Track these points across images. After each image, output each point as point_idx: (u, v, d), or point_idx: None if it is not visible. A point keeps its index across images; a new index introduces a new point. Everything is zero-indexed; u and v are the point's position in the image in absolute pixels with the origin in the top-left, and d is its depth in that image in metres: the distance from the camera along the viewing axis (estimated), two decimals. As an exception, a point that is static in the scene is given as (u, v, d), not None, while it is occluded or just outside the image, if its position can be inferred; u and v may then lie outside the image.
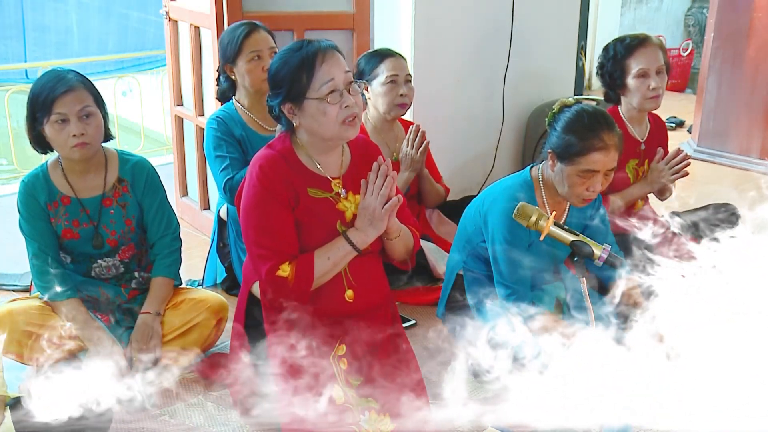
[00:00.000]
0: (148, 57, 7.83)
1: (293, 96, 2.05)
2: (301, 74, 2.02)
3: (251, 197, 2.11)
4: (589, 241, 2.12)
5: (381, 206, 2.10)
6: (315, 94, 2.02)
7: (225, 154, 2.83)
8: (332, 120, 2.04)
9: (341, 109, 2.04)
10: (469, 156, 4.11)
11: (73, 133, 2.30)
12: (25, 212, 2.41)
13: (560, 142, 2.36)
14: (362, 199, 2.13)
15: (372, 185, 2.11)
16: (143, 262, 2.58)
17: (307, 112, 2.05)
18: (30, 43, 7.72)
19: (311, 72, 2.02)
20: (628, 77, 2.93)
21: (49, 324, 2.35)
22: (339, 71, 2.04)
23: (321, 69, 2.02)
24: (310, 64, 2.02)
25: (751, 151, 5.01)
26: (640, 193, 3.04)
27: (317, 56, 2.03)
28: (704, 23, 7.51)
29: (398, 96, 3.06)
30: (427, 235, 3.25)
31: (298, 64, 2.03)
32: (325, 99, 2.02)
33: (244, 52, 2.81)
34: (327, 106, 2.02)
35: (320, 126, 2.06)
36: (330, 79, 2.02)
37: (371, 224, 2.12)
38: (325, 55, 2.04)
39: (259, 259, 2.10)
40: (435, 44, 3.80)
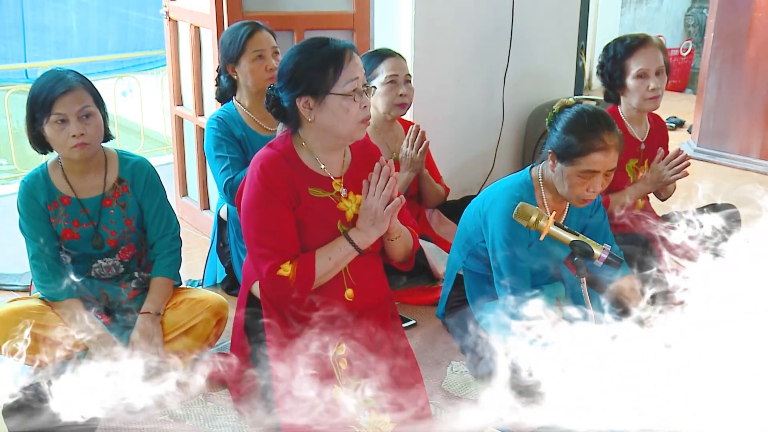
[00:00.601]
0: (148, 57, 7.83)
1: (314, 90, 2.06)
2: (328, 68, 2.04)
3: (252, 196, 2.11)
4: (589, 241, 2.12)
5: (383, 207, 2.11)
6: (340, 90, 2.05)
7: (225, 154, 2.83)
8: (353, 117, 2.07)
9: (361, 108, 2.07)
10: (469, 156, 4.11)
11: (73, 134, 2.30)
12: (25, 212, 2.41)
13: (560, 142, 2.36)
14: (364, 199, 2.14)
15: (374, 186, 2.12)
16: (143, 262, 2.58)
17: (328, 107, 2.07)
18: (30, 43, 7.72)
19: (339, 68, 2.05)
20: (627, 77, 2.93)
21: (49, 324, 2.35)
22: (361, 72, 2.09)
23: (348, 66, 2.05)
24: (339, 59, 2.05)
25: (751, 151, 5.01)
26: (639, 193, 3.04)
27: (345, 53, 2.06)
28: (704, 23, 7.51)
29: (398, 96, 3.05)
30: (427, 235, 3.25)
31: (326, 59, 2.05)
32: (351, 96, 2.05)
33: (247, 52, 2.81)
34: (351, 103, 2.05)
35: (339, 122, 2.08)
36: (355, 77, 2.06)
37: (373, 225, 2.13)
38: (352, 54, 2.08)
39: (260, 258, 2.10)
40: (435, 44, 3.79)
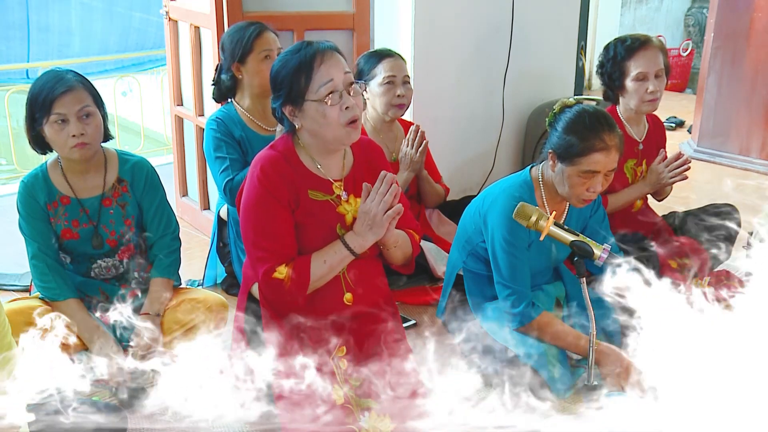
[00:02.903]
0: (148, 57, 7.82)
1: (293, 98, 2.04)
2: (299, 76, 2.01)
3: (251, 198, 2.10)
4: (589, 241, 2.12)
5: (383, 212, 2.06)
6: (314, 96, 2.01)
7: (225, 155, 2.83)
8: (333, 122, 2.02)
9: (342, 110, 2.02)
10: (469, 156, 4.11)
11: (73, 134, 2.30)
12: (24, 212, 2.41)
13: (561, 142, 2.36)
14: (363, 202, 2.10)
15: (375, 190, 2.07)
16: (143, 262, 2.58)
17: (308, 114, 2.04)
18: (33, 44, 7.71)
19: (309, 73, 2.00)
20: (626, 79, 2.92)
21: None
22: (338, 72, 2.02)
23: (319, 70, 2.00)
24: (308, 65, 2.01)
25: (751, 151, 5.01)
26: (638, 193, 3.04)
27: (315, 57, 2.01)
28: (704, 23, 7.51)
29: (395, 97, 3.05)
30: (427, 235, 3.24)
31: (296, 66, 2.02)
32: (324, 101, 2.00)
33: (255, 51, 2.81)
34: (326, 107, 2.00)
35: (321, 128, 2.04)
36: (329, 80, 2.00)
37: (370, 229, 2.09)
38: (324, 56, 2.02)
39: (257, 260, 2.09)
40: (435, 44, 3.79)
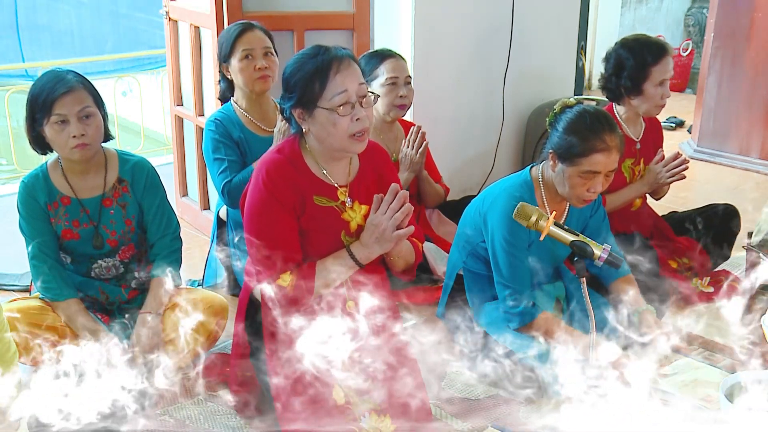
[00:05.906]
0: (148, 57, 7.83)
1: (304, 102, 2.02)
2: (314, 82, 1.99)
3: (256, 202, 2.09)
4: (589, 241, 2.12)
5: (392, 228, 2.04)
6: (327, 104, 1.99)
7: (223, 156, 2.83)
8: (342, 132, 2.01)
9: (352, 122, 2.01)
10: (469, 156, 4.11)
11: (73, 134, 2.30)
12: (25, 212, 2.41)
13: (562, 142, 2.36)
14: (373, 214, 2.07)
15: (386, 204, 2.05)
16: (143, 262, 2.57)
17: (317, 120, 2.03)
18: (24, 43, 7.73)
19: (324, 81, 1.99)
20: (647, 83, 2.89)
21: (49, 324, 2.35)
22: (353, 83, 2.01)
23: (335, 79, 1.99)
24: (324, 72, 1.99)
25: (751, 151, 5.01)
26: (636, 193, 3.04)
27: (332, 65, 1.99)
28: (704, 23, 7.51)
29: (397, 97, 3.05)
30: (427, 235, 3.24)
31: (312, 71, 2.00)
32: (336, 110, 1.99)
33: (236, 51, 2.81)
34: (337, 117, 1.99)
35: (329, 136, 2.03)
36: (343, 90, 1.99)
37: (378, 242, 2.07)
38: (341, 65, 2.00)
39: (261, 266, 2.08)
40: (435, 44, 3.79)
